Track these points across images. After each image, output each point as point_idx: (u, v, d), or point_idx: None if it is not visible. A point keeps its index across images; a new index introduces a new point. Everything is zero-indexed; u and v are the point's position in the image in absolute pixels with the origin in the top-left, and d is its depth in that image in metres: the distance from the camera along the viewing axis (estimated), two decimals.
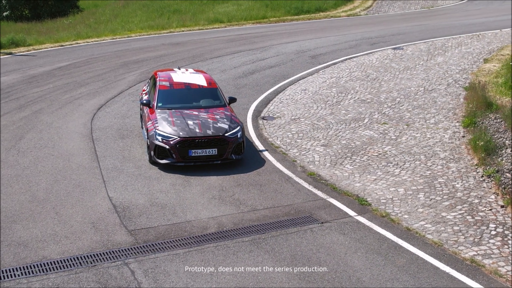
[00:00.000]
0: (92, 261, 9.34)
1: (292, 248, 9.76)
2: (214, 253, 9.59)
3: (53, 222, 10.68)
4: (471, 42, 24.62)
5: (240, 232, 10.36)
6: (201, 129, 13.33)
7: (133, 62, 24.36)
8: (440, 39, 25.55)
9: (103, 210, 11.24)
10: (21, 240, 10.01)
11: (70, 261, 9.34)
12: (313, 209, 11.35)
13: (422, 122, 16.05)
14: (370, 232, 10.37)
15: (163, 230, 10.44)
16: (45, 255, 9.54)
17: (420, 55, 22.74)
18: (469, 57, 22.03)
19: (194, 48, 26.83)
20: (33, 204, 11.48)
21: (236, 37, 29.26)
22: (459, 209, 11.16)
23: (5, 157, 14.02)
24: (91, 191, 12.12)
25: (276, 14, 35.40)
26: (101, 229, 10.45)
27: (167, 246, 9.81)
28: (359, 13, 36.00)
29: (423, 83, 19.23)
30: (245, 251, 9.67)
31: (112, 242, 9.96)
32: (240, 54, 25.08)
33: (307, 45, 26.09)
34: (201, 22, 33.86)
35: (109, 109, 18.13)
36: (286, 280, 8.76)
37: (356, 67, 21.81)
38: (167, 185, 12.50)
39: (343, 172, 13.23)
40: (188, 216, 11.00)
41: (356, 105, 17.78)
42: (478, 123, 15.26)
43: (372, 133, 15.51)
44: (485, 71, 19.76)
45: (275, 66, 22.75)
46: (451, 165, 13.18)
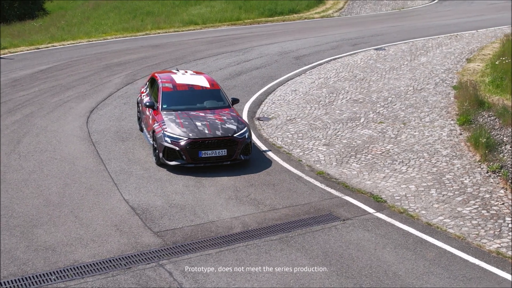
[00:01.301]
0: (126, 263, 9.31)
1: (322, 246, 9.91)
2: (246, 253, 9.67)
3: (75, 226, 10.58)
4: (451, 42, 25.24)
5: (265, 231, 10.46)
6: (210, 130, 13.38)
7: (115, 65, 24.17)
8: (420, 39, 26.11)
9: (123, 212, 11.19)
10: (47, 244, 9.91)
11: (103, 264, 9.29)
12: (331, 207, 11.52)
13: (418, 120, 16.41)
14: (392, 228, 10.60)
15: (189, 231, 10.46)
16: (76, 258, 9.46)
17: (403, 56, 23.21)
18: (452, 57, 22.60)
19: (175, 50, 26.77)
20: (49, 208, 11.35)
21: (215, 39, 29.30)
22: (473, 204, 11.49)
23: (8, 161, 13.79)
24: (105, 194, 12.04)
25: (250, 16, 35.56)
26: (126, 231, 10.41)
27: (197, 247, 9.85)
28: (332, 14, 36.45)
29: (411, 83, 19.65)
30: (276, 249, 9.78)
31: (140, 244, 9.94)
32: (223, 56, 25.14)
33: (289, 47, 26.32)
34: (176, 24, 33.78)
35: (102, 112, 17.98)
36: (325, 277, 8.91)
37: (342, 67, 22.13)
38: (180, 187, 12.50)
39: (351, 170, 13.45)
40: (210, 216, 11.05)
41: (349, 105, 18.05)
42: (473, 121, 15.68)
43: (370, 132, 15.79)
44: (470, 71, 20.32)
45: (261, 67, 22.89)
46: (455, 162, 13.54)
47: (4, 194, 11.96)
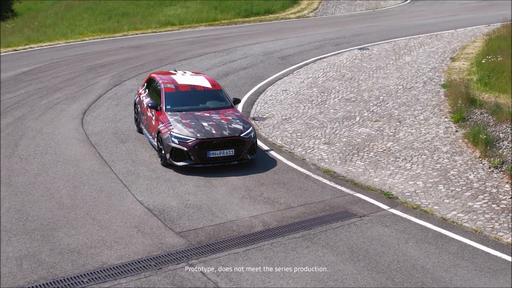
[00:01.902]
0: (155, 264, 9.31)
1: (345, 242, 10.08)
2: (274, 251, 9.77)
3: (95, 228, 10.53)
4: (432, 41, 25.75)
5: (287, 229, 10.58)
6: (218, 130, 13.43)
7: (99, 66, 23.97)
8: (401, 39, 26.56)
9: (139, 214, 11.18)
10: (71, 247, 9.84)
11: (132, 265, 9.28)
12: (345, 204, 11.71)
13: (412, 118, 16.74)
14: (410, 223, 10.84)
15: (211, 230, 10.51)
16: (103, 260, 9.42)
17: (387, 55, 23.59)
18: (435, 56, 23.07)
19: (157, 51, 26.67)
20: (64, 211, 11.27)
21: (195, 40, 29.28)
22: (482, 198, 11.82)
23: (10, 164, 13.62)
24: (117, 196, 12.00)
25: (227, 17, 35.61)
26: (147, 232, 10.40)
27: (223, 246, 9.91)
28: (307, 14, 36.76)
29: (400, 82, 20.00)
30: (302, 247, 9.91)
31: (165, 245, 9.95)
32: (207, 56, 25.16)
33: (272, 47, 26.48)
34: (153, 25, 33.62)
35: (95, 113, 17.85)
36: (356, 272, 9.07)
37: (329, 67, 22.38)
38: (191, 187, 12.53)
39: (356, 168, 13.67)
40: (228, 216, 11.11)
41: (343, 104, 18.30)
42: (467, 118, 16.08)
43: (368, 130, 16.05)
44: (456, 69, 20.79)
45: (248, 67, 23.00)
46: (457, 158, 13.87)
47: (14, 198, 11.81)
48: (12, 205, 11.44)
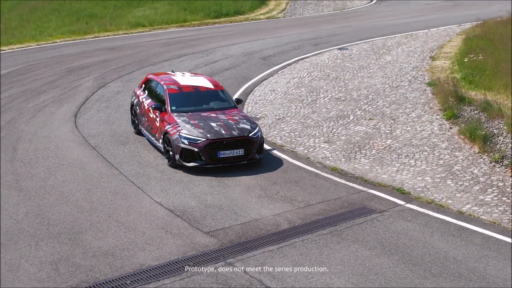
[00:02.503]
0: (194, 264, 9.36)
1: (374, 237, 10.33)
2: (306, 247, 9.94)
3: (122, 231, 10.50)
4: (408, 41, 26.36)
5: (312, 226, 10.76)
6: (227, 131, 13.52)
7: (78, 68, 23.70)
8: (378, 39, 27.09)
9: (162, 215, 11.19)
10: (103, 250, 9.80)
11: (171, 265, 9.30)
12: (362, 200, 11.97)
13: (405, 116, 17.17)
14: (429, 217, 11.17)
15: (239, 229, 10.61)
16: (140, 262, 9.42)
17: (367, 55, 24.05)
18: (415, 55, 23.64)
19: (134, 52, 26.50)
20: (84, 214, 11.18)
21: (170, 41, 29.20)
22: (491, 192, 12.27)
23: (14, 169, 13.42)
24: (134, 198, 11.97)
25: (197, 18, 35.60)
26: (176, 233, 10.44)
27: (256, 244, 10.02)
28: (277, 15, 37.05)
29: (385, 81, 20.44)
30: (333, 242, 10.11)
31: (198, 245, 10.00)
32: (187, 58, 25.15)
33: (250, 47, 26.63)
34: (124, 26, 33.33)
35: (86, 116, 17.69)
36: (394, 265, 9.33)
37: (312, 67, 22.68)
38: (205, 187, 12.60)
39: (362, 165, 13.97)
40: (251, 215, 11.23)
41: (333, 103, 18.60)
42: (458, 115, 16.59)
43: (364, 128, 16.38)
44: (439, 68, 21.37)
45: (231, 68, 23.10)
46: (457, 154, 14.33)
47: (28, 202, 11.66)
48: (29, 210, 11.28)
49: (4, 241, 10.06)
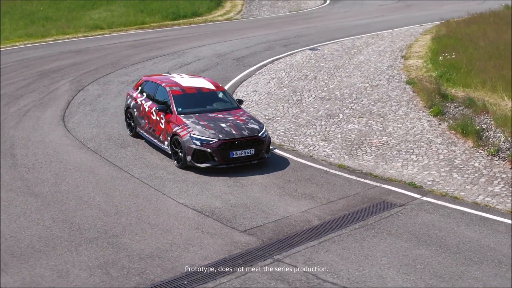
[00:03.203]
0: (243, 262, 9.50)
1: (405, 229, 10.74)
2: (346, 241, 10.25)
3: (158, 233, 10.52)
4: (376, 41, 27.10)
5: (343, 221, 11.07)
6: (237, 131, 13.67)
7: (50, 72, 23.26)
8: (346, 39, 27.72)
9: (191, 216, 11.26)
10: (147, 252, 9.81)
11: (222, 264, 9.41)
12: (379, 195, 12.38)
13: (393, 114, 17.75)
14: (449, 209, 11.69)
15: (273, 227, 10.81)
16: (189, 262, 9.50)
17: (339, 55, 24.61)
18: (386, 55, 24.37)
19: (103, 55, 26.18)
20: (112, 217, 11.13)
21: (136, 43, 28.97)
22: (498, 183, 12.92)
23: (20, 174, 13.17)
24: (156, 200, 11.99)
25: (155, 20, 35.39)
26: (213, 233, 10.54)
27: (296, 240, 10.25)
28: (234, 17, 37.27)
29: (364, 80, 21.02)
30: (369, 236, 10.45)
31: (240, 243, 10.14)
32: (159, 60, 25.05)
33: (220, 49, 26.75)
34: (82, 29, 32.78)
35: (75, 119, 17.46)
36: (435, 255, 9.75)
37: (289, 67, 23.03)
38: (223, 187, 12.72)
39: (367, 162, 14.40)
40: (279, 212, 11.44)
41: (320, 103, 19.01)
42: (444, 112, 17.30)
43: (357, 126, 16.85)
44: (413, 67, 22.12)
45: (207, 69, 23.18)
46: (454, 149, 14.97)
47: (50, 208, 11.50)
48: (54, 215, 11.12)
49: (40, 247, 9.90)
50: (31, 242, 10.03)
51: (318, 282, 8.83)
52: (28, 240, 10.10)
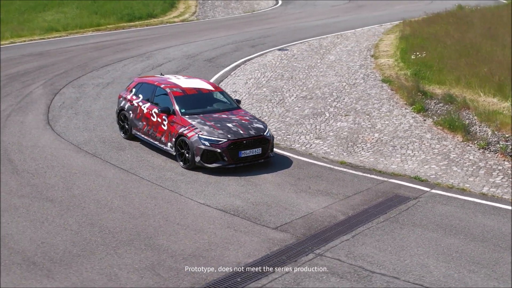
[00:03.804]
0: (287, 257, 9.71)
1: (427, 220, 11.21)
2: (377, 234, 10.61)
3: (191, 233, 10.59)
4: (341, 41, 27.72)
5: (366, 215, 11.44)
6: (244, 131, 13.84)
7: (19, 75, 22.73)
8: (312, 39, 28.19)
9: (218, 215, 11.37)
10: (188, 252, 9.87)
11: (267, 261, 9.58)
12: (391, 189, 12.83)
13: (377, 111, 18.31)
14: (460, 200, 12.26)
15: (302, 223, 11.06)
16: (235, 260, 9.62)
17: (310, 55, 25.06)
18: (355, 54, 24.99)
19: (67, 57, 25.71)
20: (139, 220, 11.12)
21: (98, 45, 28.57)
22: (497, 174, 13.61)
23: (27, 180, 12.94)
24: (177, 201, 12.03)
25: (110, 21, 34.94)
26: (246, 231, 10.69)
27: (329, 235, 10.53)
28: (190, 18, 37.23)
29: (340, 79, 21.53)
30: (396, 228, 10.86)
31: (276, 240, 10.34)
32: (128, 61, 24.85)
33: (188, 50, 26.74)
34: (37, 31, 32.04)
35: (61, 123, 17.19)
36: (465, 244, 10.24)
37: (263, 68, 23.30)
38: (237, 187, 12.87)
39: (367, 158, 14.85)
40: (303, 209, 11.70)
41: (303, 102, 19.38)
42: (426, 108, 18.00)
43: (346, 124, 17.31)
44: (385, 66, 22.81)
45: (180, 71, 23.17)
46: (445, 143, 15.63)
47: (70, 213, 11.37)
48: (78, 220, 11.00)
49: (77, 252, 9.79)
50: (65, 247, 9.89)
51: (367, 274, 9.12)
52: (62, 245, 9.95)
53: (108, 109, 18.64)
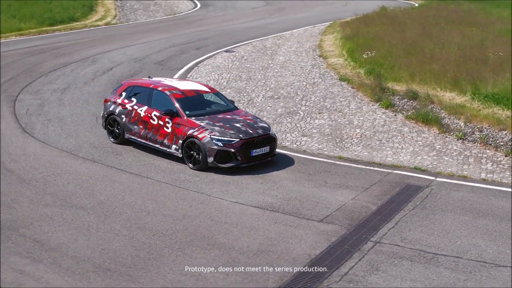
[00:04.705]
0: (349, 247, 10.23)
1: (452, 205, 12.12)
2: (415, 220, 11.37)
3: (245, 230, 10.84)
4: (283, 42, 28.42)
5: (394, 205, 12.16)
6: (253, 130, 14.19)
7: None
8: (253, 41, 28.63)
9: (258, 212, 11.68)
10: (255, 249, 10.13)
11: (334, 251, 10.06)
12: (401, 180, 13.65)
13: (347, 108, 19.21)
14: (469, 186, 13.28)
15: (341, 215, 11.61)
16: (304, 253, 10.01)
17: (258, 56, 25.58)
18: (302, 54, 25.77)
19: (6, 63, 24.62)
20: (185, 221, 11.22)
21: (32, 50, 27.54)
22: (485, 161, 14.84)
23: (41, 189, 12.62)
24: (208, 202, 12.17)
25: (31, 26, 33.68)
26: (296, 225, 11.08)
27: (374, 225, 11.16)
28: (112, 21, 36.55)
29: (299, 79, 22.24)
30: (429, 214, 11.67)
31: (329, 232, 10.82)
32: (74, 66, 24.27)
33: (132, 53, 26.42)
34: None
35: (38, 130, 16.71)
36: (497, 223, 11.22)
37: (217, 69, 23.55)
38: (258, 185, 13.20)
39: (361, 152, 15.65)
40: (334, 202, 12.25)
41: (272, 102, 19.91)
42: (393, 104, 19.14)
43: (324, 121, 18.04)
44: (337, 65, 23.76)
45: (135, 74, 22.97)
46: (425, 136, 16.75)
47: (110, 219, 11.27)
48: (123, 225, 10.94)
49: (145, 255, 9.78)
50: (129, 252, 9.84)
51: (431, 256, 9.83)
52: (124, 250, 9.88)
53: (79, 114, 18.24)
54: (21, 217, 11.06)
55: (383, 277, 9.12)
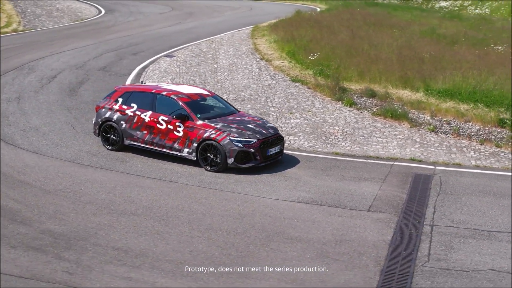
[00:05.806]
0: (413, 232, 11.14)
1: (469, 190, 13.35)
2: (449, 204, 12.41)
3: (309, 223, 11.33)
4: (217, 46, 28.68)
5: (418, 192, 13.21)
6: (266, 130, 14.72)
7: None
8: (187, 45, 28.51)
9: (306, 207, 12.21)
10: (330, 239, 10.68)
11: (401, 236, 10.91)
12: (407, 170, 14.73)
13: (314, 108, 20.13)
14: (469, 173, 14.58)
15: (381, 204, 12.41)
16: (381, 239, 10.77)
17: (200, 60, 25.78)
18: (244, 58, 26.25)
19: None
20: (245, 219, 11.49)
21: None
22: (467, 150, 16.34)
23: (73, 199, 12.37)
24: (252, 201, 12.48)
25: None
26: (350, 216, 11.76)
27: (417, 211, 12.13)
28: (19, 28, 34.90)
29: (253, 81, 22.83)
30: (456, 198, 12.77)
31: (384, 220, 11.63)
32: (14, 74, 23.22)
33: (68, 60, 25.61)
34: None
35: (21, 141, 16.11)
36: None
37: (167, 74, 23.51)
38: (283, 182, 13.69)
39: (352, 147, 16.61)
40: (365, 193, 13.01)
41: (239, 104, 20.36)
42: (355, 102, 20.38)
43: (299, 121, 18.81)
44: (284, 67, 24.49)
45: (84, 82, 22.43)
46: (400, 130, 18.05)
47: (166, 223, 11.32)
48: (191, 228, 11.06)
49: (233, 253, 10.03)
50: (219, 252, 10.04)
51: (488, 234, 10.94)
52: (214, 251, 10.05)
53: (51, 124, 17.69)
54: (78, 228, 10.81)
55: (464, 254, 10.05)
